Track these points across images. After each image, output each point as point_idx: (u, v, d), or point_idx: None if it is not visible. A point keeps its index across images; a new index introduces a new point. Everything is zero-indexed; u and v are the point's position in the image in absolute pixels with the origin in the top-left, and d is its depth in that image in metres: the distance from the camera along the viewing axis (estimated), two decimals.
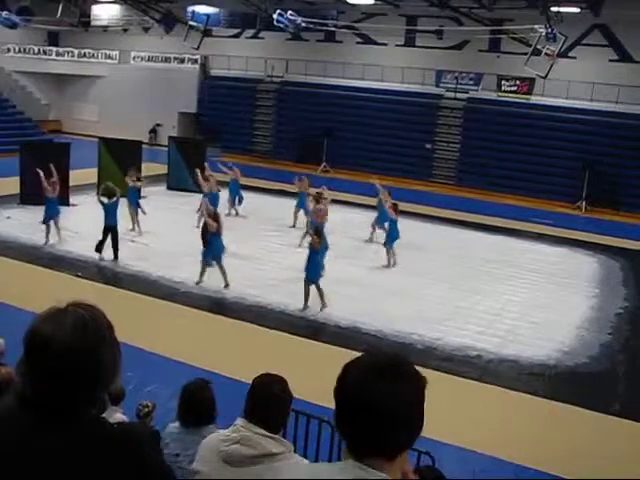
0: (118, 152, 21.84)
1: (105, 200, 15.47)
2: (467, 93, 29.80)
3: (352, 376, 1.67)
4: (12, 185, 19.81)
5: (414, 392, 1.66)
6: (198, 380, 4.53)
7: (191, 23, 31.71)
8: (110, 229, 15.17)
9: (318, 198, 17.01)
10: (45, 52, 36.28)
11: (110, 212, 15.33)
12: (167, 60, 35.56)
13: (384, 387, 1.62)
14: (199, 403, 4.23)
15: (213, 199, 16.92)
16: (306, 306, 12.97)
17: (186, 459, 3.91)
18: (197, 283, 13.89)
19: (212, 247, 13.88)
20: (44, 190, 16.19)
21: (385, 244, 16.43)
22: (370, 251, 17.16)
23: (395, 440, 1.64)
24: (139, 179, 18.68)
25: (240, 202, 20.38)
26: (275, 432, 3.12)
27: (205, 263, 13.97)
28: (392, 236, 16.31)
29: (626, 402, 10.23)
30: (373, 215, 21.59)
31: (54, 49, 36.81)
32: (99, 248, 15.14)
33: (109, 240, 15.16)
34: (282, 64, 33.03)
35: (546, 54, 25.85)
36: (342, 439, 1.70)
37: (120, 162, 21.72)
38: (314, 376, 9.80)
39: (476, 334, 12.31)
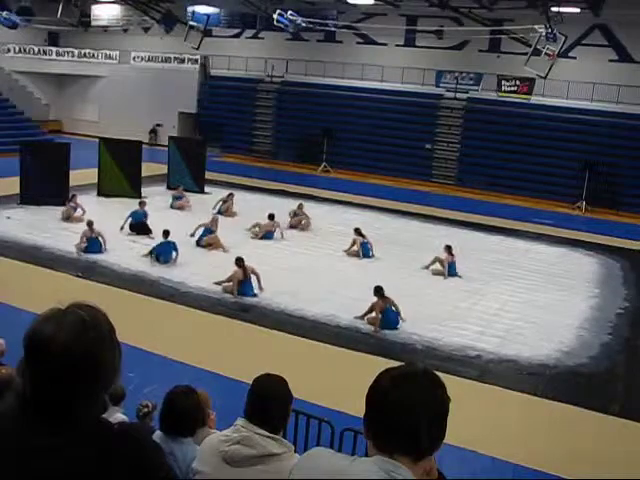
0: (118, 152, 21.84)
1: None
2: (467, 93, 29.81)
3: (387, 381, 1.79)
4: (12, 185, 19.81)
5: (442, 401, 1.79)
6: (183, 387, 4.39)
7: (191, 23, 31.75)
8: None
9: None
10: (45, 52, 36.28)
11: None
12: (167, 60, 35.56)
13: (417, 390, 1.76)
14: (179, 411, 4.10)
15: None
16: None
17: None
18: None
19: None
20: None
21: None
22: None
23: (421, 440, 1.74)
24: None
25: None
26: (276, 432, 3.12)
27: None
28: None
29: (626, 402, 10.23)
30: (373, 215, 21.66)
31: (54, 49, 36.81)
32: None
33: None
34: (282, 64, 33.03)
35: (546, 54, 25.88)
36: (369, 440, 1.79)
37: (120, 162, 21.75)
38: (314, 376, 9.83)
39: (476, 334, 12.31)
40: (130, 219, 17.56)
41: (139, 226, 17.46)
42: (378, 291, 12.38)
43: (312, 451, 1.95)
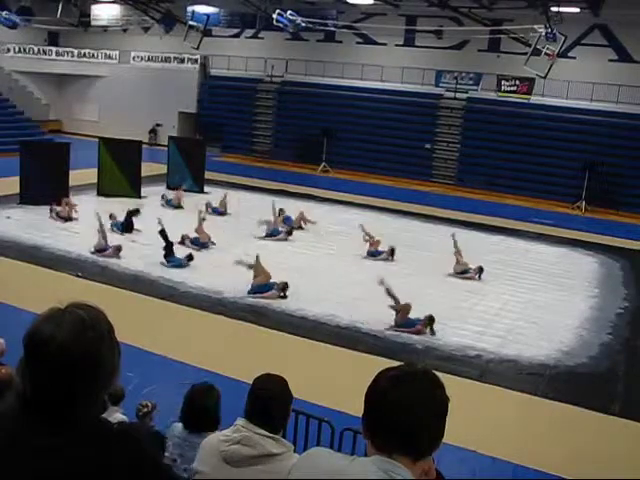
0: (118, 152, 21.84)
1: None
2: (467, 93, 29.82)
3: (386, 381, 1.79)
4: (12, 185, 19.81)
5: (441, 401, 1.78)
6: (204, 384, 4.51)
7: (191, 23, 31.73)
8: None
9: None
10: (45, 52, 36.28)
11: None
12: (167, 60, 35.57)
13: (416, 390, 1.76)
14: (200, 407, 4.21)
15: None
16: None
17: (183, 464, 3.93)
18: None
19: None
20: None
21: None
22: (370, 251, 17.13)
23: (421, 441, 1.75)
24: None
25: None
26: (275, 432, 3.12)
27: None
28: None
29: (626, 402, 10.22)
30: (373, 215, 21.67)
31: (54, 49, 36.81)
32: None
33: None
34: (282, 64, 33.03)
35: (546, 54, 25.86)
36: (368, 440, 1.78)
37: (120, 162, 21.76)
38: (314, 376, 9.83)
39: (476, 334, 12.31)
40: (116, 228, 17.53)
41: (127, 228, 17.50)
42: (432, 321, 12.22)
43: (311, 451, 1.94)
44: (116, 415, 5.63)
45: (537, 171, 26.77)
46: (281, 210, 19.15)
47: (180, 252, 15.51)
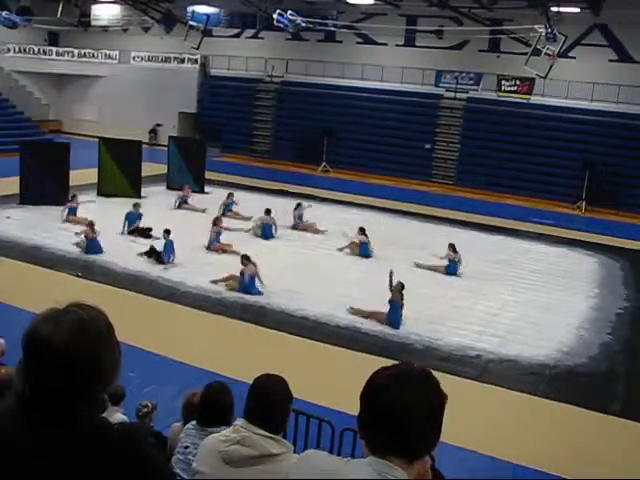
0: (118, 152, 21.83)
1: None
2: (467, 93, 29.81)
3: (382, 380, 1.77)
4: (12, 185, 19.80)
5: (438, 402, 1.76)
6: (217, 384, 4.60)
7: (191, 23, 31.72)
8: None
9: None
10: (45, 52, 36.26)
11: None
12: (167, 60, 35.55)
13: (412, 390, 1.73)
14: (215, 405, 4.28)
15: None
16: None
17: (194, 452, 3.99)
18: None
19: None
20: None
21: None
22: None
23: (416, 441, 1.73)
24: None
25: None
26: (275, 433, 3.12)
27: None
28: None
29: (626, 402, 10.23)
30: (372, 215, 21.66)
31: (54, 49, 36.80)
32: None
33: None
34: (282, 64, 33.03)
35: (546, 54, 25.86)
36: (363, 439, 1.78)
37: (120, 162, 21.75)
38: (314, 376, 9.83)
39: (476, 334, 12.32)
40: (127, 223, 17.48)
41: (137, 230, 17.41)
42: (402, 287, 12.48)
43: (308, 452, 1.95)
44: (116, 415, 5.63)
45: (537, 171, 26.75)
46: (299, 205, 19.32)
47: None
